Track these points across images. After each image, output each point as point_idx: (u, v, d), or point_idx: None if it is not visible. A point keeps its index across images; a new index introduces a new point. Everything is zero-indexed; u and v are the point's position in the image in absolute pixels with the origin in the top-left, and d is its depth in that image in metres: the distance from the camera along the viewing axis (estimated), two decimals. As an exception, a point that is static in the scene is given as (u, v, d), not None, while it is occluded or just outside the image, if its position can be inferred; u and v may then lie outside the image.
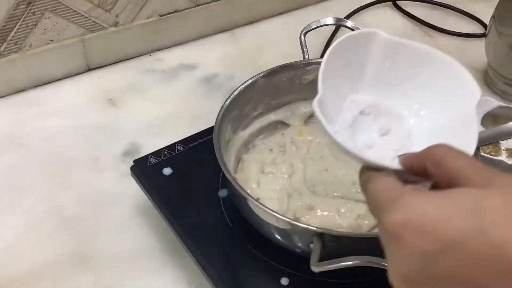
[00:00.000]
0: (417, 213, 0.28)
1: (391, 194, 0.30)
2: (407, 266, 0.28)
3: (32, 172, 0.66)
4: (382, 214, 0.30)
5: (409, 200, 0.29)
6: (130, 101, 0.77)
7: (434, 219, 0.27)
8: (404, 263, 0.28)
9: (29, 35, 0.74)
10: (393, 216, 0.29)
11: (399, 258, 0.29)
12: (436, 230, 0.27)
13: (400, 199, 0.29)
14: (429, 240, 0.27)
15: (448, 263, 0.27)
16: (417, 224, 0.28)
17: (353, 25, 0.65)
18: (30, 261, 0.56)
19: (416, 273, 0.28)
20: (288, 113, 0.65)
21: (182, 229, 0.54)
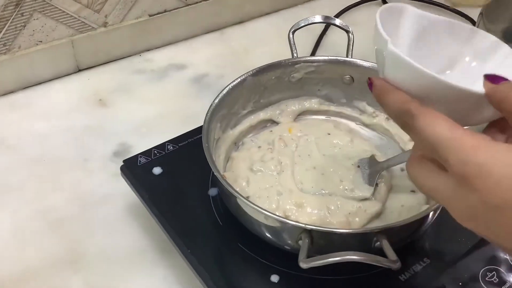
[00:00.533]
0: (487, 169, 0.30)
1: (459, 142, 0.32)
2: (475, 209, 0.32)
3: (21, 174, 0.66)
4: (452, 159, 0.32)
5: (481, 156, 0.31)
6: (120, 101, 0.77)
7: (503, 177, 0.30)
8: (472, 205, 0.32)
9: (18, 36, 0.74)
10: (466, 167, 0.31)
11: (467, 199, 0.32)
12: (503, 188, 0.30)
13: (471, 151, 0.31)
14: (496, 195, 0.30)
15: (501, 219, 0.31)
16: (487, 179, 0.31)
17: (341, 23, 0.66)
18: (19, 263, 0.56)
19: (481, 216, 0.32)
20: (277, 111, 0.65)
21: (172, 228, 0.54)
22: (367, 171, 0.57)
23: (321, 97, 0.66)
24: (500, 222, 0.31)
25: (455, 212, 0.34)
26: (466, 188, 0.32)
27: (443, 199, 0.34)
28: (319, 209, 0.52)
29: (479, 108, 0.35)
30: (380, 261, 0.42)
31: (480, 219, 0.32)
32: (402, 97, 0.35)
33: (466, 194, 0.32)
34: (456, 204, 0.33)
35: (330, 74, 0.64)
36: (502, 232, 0.32)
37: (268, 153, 0.59)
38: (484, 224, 0.32)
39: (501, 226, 0.31)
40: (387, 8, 0.40)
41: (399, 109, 0.35)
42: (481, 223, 0.33)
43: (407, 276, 0.50)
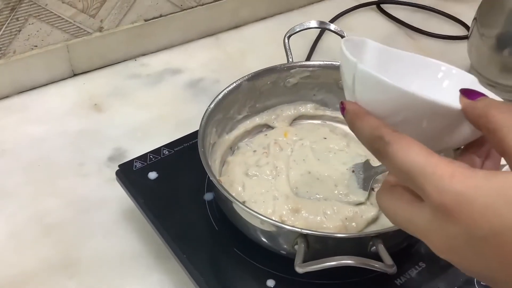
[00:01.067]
0: (467, 199, 0.29)
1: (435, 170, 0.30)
2: (454, 240, 0.30)
3: (16, 178, 0.66)
4: (428, 188, 0.30)
5: (459, 185, 0.29)
6: (115, 106, 0.77)
7: (483, 206, 0.28)
8: (451, 236, 0.30)
9: (13, 41, 0.74)
10: (444, 197, 0.29)
11: (446, 230, 0.30)
12: (484, 218, 0.29)
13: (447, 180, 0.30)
14: (477, 225, 0.29)
15: (494, 248, 0.29)
16: (466, 209, 0.29)
17: (336, 28, 0.66)
18: (14, 267, 0.56)
19: (461, 248, 0.30)
20: (273, 116, 0.65)
21: (167, 233, 0.54)
22: (362, 176, 0.57)
23: (317, 102, 0.67)
24: (489, 253, 0.29)
25: (433, 244, 0.32)
26: (444, 218, 0.30)
27: (418, 231, 0.32)
28: (315, 214, 0.52)
29: (456, 126, 0.33)
30: (376, 265, 0.42)
31: (462, 250, 0.30)
32: (374, 123, 0.34)
33: (445, 225, 0.30)
34: (434, 236, 0.31)
35: (325, 79, 0.64)
36: (493, 263, 0.30)
37: (263, 158, 0.59)
38: (467, 256, 0.30)
39: (491, 257, 0.29)
40: (349, 40, 0.40)
41: (371, 135, 0.34)
42: (463, 255, 0.31)
43: (402, 280, 0.50)
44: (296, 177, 0.57)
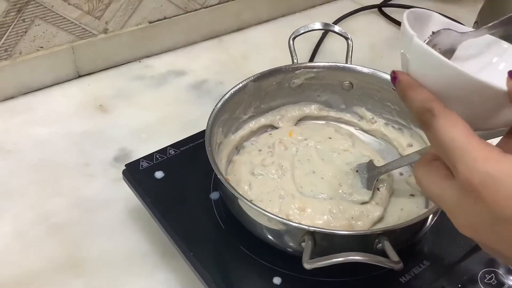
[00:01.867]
0: (495, 181, 0.30)
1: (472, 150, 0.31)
2: (478, 218, 0.31)
3: (22, 179, 0.66)
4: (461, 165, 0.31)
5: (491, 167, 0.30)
6: (120, 107, 0.78)
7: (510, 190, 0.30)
8: (476, 214, 0.31)
9: (19, 42, 0.75)
10: (474, 176, 0.31)
11: (472, 209, 0.32)
12: (507, 200, 0.30)
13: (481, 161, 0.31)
14: (501, 207, 0.30)
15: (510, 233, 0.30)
16: (493, 190, 0.30)
17: (340, 30, 0.67)
18: (21, 267, 0.56)
19: (482, 227, 0.31)
20: (277, 116, 0.66)
21: (174, 232, 0.54)
22: (366, 176, 0.58)
23: (321, 103, 0.67)
24: (508, 236, 0.31)
25: (457, 221, 0.33)
26: (471, 197, 0.31)
27: (446, 206, 0.34)
28: (322, 213, 0.53)
29: (501, 108, 0.34)
30: (383, 261, 0.43)
31: (484, 230, 0.32)
32: (426, 95, 0.35)
33: (471, 204, 0.31)
34: (459, 213, 0.33)
35: (329, 80, 0.65)
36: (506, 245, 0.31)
37: (268, 157, 0.60)
38: (489, 236, 0.32)
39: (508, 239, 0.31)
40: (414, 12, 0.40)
41: (422, 107, 0.34)
42: (485, 234, 0.32)
43: (407, 278, 0.51)
44: (300, 176, 0.58)
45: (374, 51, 0.92)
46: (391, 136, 0.65)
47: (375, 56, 0.91)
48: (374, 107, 0.66)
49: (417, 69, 0.36)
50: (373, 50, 0.92)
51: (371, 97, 0.65)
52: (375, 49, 0.92)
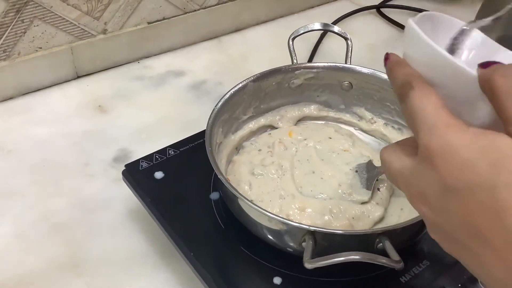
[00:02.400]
0: (451, 148, 0.29)
1: (437, 118, 0.31)
2: (427, 187, 0.31)
3: (22, 179, 0.66)
4: (423, 132, 0.31)
5: (449, 132, 0.30)
6: (119, 107, 0.78)
7: (463, 159, 0.29)
8: (425, 183, 0.31)
9: (18, 42, 0.75)
10: (431, 141, 0.30)
11: (423, 177, 0.31)
12: (461, 170, 0.29)
13: (442, 127, 0.30)
14: (452, 175, 0.29)
15: (460, 202, 0.29)
16: (448, 157, 0.29)
17: (339, 30, 0.67)
18: (21, 267, 0.56)
19: (432, 197, 0.31)
20: (277, 117, 0.66)
21: (174, 232, 0.54)
22: (365, 176, 0.58)
23: (320, 103, 0.67)
24: (456, 208, 0.29)
25: (409, 191, 0.33)
26: (426, 164, 0.31)
27: (402, 179, 0.33)
28: (322, 213, 0.53)
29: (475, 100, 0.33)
30: (384, 261, 0.43)
31: (434, 200, 0.31)
32: (409, 70, 0.35)
33: (426, 171, 0.31)
34: (413, 182, 0.32)
35: (329, 80, 0.65)
36: (455, 219, 0.30)
37: (268, 157, 0.60)
38: (436, 207, 0.31)
39: (456, 213, 0.30)
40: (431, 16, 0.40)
41: (403, 80, 0.34)
42: (433, 206, 0.31)
43: (407, 278, 0.51)
44: (300, 176, 0.58)
45: (372, 51, 0.92)
46: (390, 136, 0.65)
47: (374, 57, 0.91)
48: (374, 107, 0.66)
49: (406, 48, 0.36)
50: (371, 50, 0.92)
51: (370, 97, 0.65)
52: (374, 50, 0.92)
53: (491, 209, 0.28)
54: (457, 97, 0.33)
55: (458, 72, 0.33)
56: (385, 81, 0.62)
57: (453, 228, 0.30)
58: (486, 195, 0.28)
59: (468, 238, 0.29)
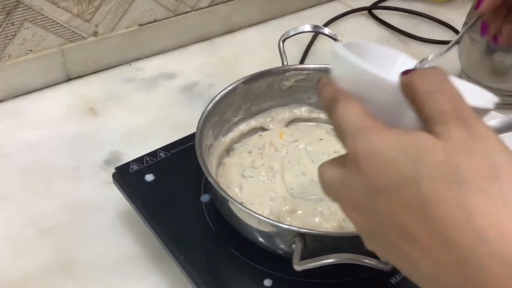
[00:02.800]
0: (374, 149, 0.30)
1: (360, 123, 0.31)
2: (356, 192, 0.31)
3: (12, 182, 0.66)
4: (348, 139, 0.31)
5: (372, 135, 0.30)
6: (110, 110, 0.78)
7: (386, 159, 0.29)
8: (353, 188, 0.31)
9: (8, 45, 0.74)
10: (356, 145, 0.30)
11: (351, 182, 0.31)
12: (384, 169, 0.29)
13: (365, 130, 0.31)
14: (377, 176, 0.29)
15: (387, 201, 0.29)
16: (372, 159, 0.30)
17: (330, 32, 0.67)
18: (11, 270, 0.56)
19: (361, 201, 0.30)
20: (268, 118, 0.66)
21: (164, 235, 0.54)
22: None
23: (311, 104, 0.67)
24: (383, 209, 0.29)
25: (343, 201, 0.32)
26: (354, 170, 0.30)
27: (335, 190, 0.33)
28: (313, 215, 0.53)
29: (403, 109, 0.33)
30: (373, 262, 0.43)
31: (363, 206, 0.31)
32: (336, 88, 0.35)
33: (353, 177, 0.31)
34: (344, 191, 0.32)
35: (319, 82, 0.65)
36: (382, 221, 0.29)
37: (258, 159, 0.60)
38: (366, 213, 0.31)
39: (383, 214, 0.29)
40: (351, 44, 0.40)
41: (329, 97, 0.35)
42: (363, 212, 0.31)
43: (397, 279, 0.51)
44: (290, 178, 0.58)
45: (364, 53, 0.92)
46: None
47: (366, 58, 0.91)
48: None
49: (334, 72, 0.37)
50: (363, 52, 0.92)
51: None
52: (366, 51, 0.93)
53: (415, 204, 0.28)
54: (386, 109, 0.33)
55: (381, 82, 0.33)
56: (375, 83, 0.62)
57: (383, 231, 0.30)
58: (409, 191, 0.28)
59: (396, 238, 0.29)
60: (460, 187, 0.27)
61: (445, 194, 0.27)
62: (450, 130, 0.28)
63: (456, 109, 0.29)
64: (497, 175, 0.27)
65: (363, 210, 0.31)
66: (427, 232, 0.27)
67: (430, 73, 0.31)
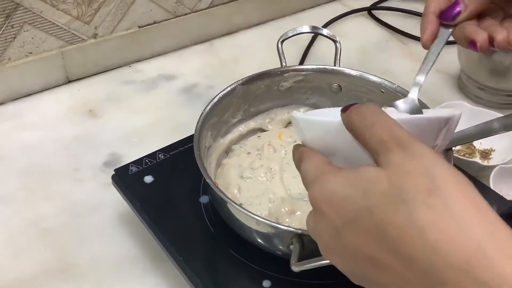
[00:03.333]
0: (329, 191, 0.32)
1: (317, 172, 0.34)
2: (326, 235, 0.32)
3: (12, 184, 0.66)
4: (309, 188, 0.34)
5: (326, 179, 0.33)
6: (110, 112, 0.78)
7: (341, 196, 0.31)
8: (323, 232, 0.33)
9: (8, 48, 0.75)
10: (314, 191, 0.33)
11: (320, 227, 0.33)
12: (342, 207, 0.31)
13: (320, 177, 0.33)
14: (337, 214, 0.31)
15: (351, 236, 0.30)
16: (329, 200, 0.32)
17: (328, 33, 0.67)
18: (10, 272, 0.56)
19: (332, 242, 0.32)
20: (266, 120, 0.66)
21: (164, 236, 0.54)
22: None
23: (310, 105, 0.67)
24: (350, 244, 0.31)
25: (320, 245, 0.34)
26: (318, 216, 0.33)
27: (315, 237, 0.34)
28: (310, 215, 0.53)
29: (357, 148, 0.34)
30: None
31: (335, 246, 0.32)
32: (303, 149, 0.38)
33: (319, 222, 0.33)
34: (317, 236, 0.34)
35: (318, 83, 0.65)
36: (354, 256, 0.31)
37: (257, 160, 0.60)
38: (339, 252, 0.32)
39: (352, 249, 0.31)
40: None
41: (298, 158, 0.37)
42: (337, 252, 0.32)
43: (396, 279, 0.51)
44: (289, 179, 0.58)
45: (363, 53, 0.92)
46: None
47: (365, 59, 0.91)
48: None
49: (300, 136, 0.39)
50: (362, 52, 0.92)
51: (359, 100, 0.65)
52: (365, 52, 0.93)
53: (373, 232, 0.29)
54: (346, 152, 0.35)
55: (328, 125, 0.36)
56: (373, 83, 0.62)
57: (359, 266, 0.31)
58: (366, 222, 0.29)
59: (371, 269, 0.30)
60: (406, 205, 0.28)
61: (395, 216, 0.28)
62: (391, 157, 0.30)
63: (392, 136, 0.31)
64: (436, 187, 0.28)
65: (336, 250, 0.32)
66: (390, 256, 0.29)
67: (364, 109, 0.33)
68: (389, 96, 0.61)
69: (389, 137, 0.31)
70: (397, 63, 0.89)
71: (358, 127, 0.33)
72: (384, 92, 0.62)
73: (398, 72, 0.85)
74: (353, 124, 0.33)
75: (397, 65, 0.88)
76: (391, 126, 0.31)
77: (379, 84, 0.62)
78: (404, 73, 0.85)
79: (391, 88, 0.61)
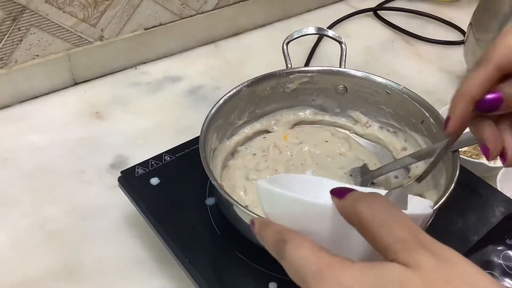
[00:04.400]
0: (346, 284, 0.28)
1: (319, 262, 0.30)
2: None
3: (18, 186, 0.66)
4: (311, 281, 0.30)
5: (337, 273, 0.29)
6: (116, 114, 0.78)
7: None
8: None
9: (15, 50, 0.75)
10: (323, 284, 0.29)
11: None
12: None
13: (328, 270, 0.29)
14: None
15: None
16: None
17: (334, 34, 0.67)
18: (17, 274, 0.56)
19: None
20: (272, 121, 0.66)
21: (170, 238, 0.54)
22: (359, 180, 0.58)
23: (316, 107, 0.67)
24: None
25: None
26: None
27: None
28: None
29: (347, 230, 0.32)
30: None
31: None
32: (277, 227, 0.34)
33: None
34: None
35: (324, 84, 0.65)
36: None
37: (262, 162, 0.60)
38: None
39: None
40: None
41: (275, 239, 0.33)
42: None
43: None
44: (295, 181, 0.58)
45: (369, 54, 0.92)
46: (386, 140, 0.65)
47: (371, 59, 0.91)
48: (369, 110, 0.66)
49: (266, 210, 0.36)
50: (368, 53, 0.92)
51: (365, 101, 0.65)
52: (371, 53, 0.92)
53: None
54: (328, 235, 0.33)
55: (314, 207, 0.32)
56: (379, 84, 0.62)
57: None
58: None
59: None
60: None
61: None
62: (419, 259, 0.27)
63: (415, 236, 0.28)
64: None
65: None
66: None
67: (375, 202, 0.30)
68: (395, 97, 0.61)
69: (412, 236, 0.28)
70: (403, 64, 0.89)
71: (371, 223, 0.29)
72: (390, 93, 0.62)
73: (404, 73, 0.85)
74: (361, 217, 0.30)
75: (403, 65, 0.88)
76: (411, 225, 0.29)
77: (385, 85, 0.62)
78: (410, 74, 0.85)
79: (397, 89, 0.61)
